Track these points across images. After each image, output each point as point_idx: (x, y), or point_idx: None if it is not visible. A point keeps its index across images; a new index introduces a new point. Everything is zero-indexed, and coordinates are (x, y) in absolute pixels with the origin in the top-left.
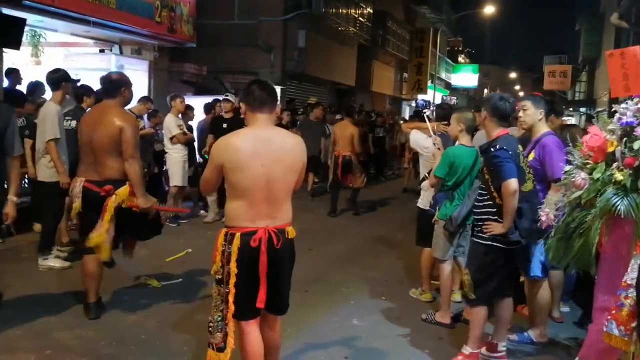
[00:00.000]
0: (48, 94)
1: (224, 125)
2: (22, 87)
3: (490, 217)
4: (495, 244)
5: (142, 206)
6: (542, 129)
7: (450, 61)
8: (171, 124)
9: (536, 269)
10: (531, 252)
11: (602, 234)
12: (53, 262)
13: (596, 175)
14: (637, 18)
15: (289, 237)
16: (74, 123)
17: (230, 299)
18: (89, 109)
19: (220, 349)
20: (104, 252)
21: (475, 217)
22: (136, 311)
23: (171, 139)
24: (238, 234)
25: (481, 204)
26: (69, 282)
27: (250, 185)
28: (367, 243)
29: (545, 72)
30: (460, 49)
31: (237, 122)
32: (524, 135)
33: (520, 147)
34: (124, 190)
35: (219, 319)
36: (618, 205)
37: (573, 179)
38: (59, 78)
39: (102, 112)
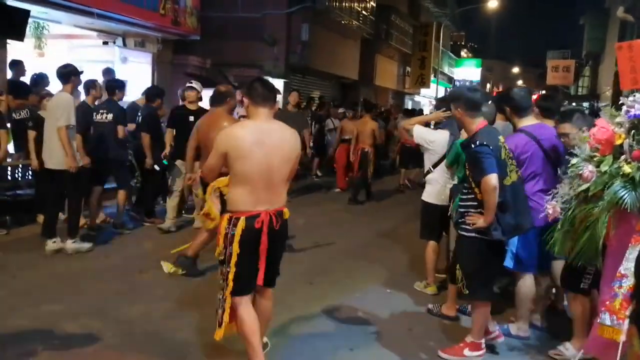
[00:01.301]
0: (51, 86)
1: (190, 119)
2: (26, 79)
3: (472, 210)
4: (480, 236)
5: None
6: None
7: (453, 55)
8: None
9: (508, 260)
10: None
11: (609, 228)
12: (79, 245)
13: (604, 168)
14: None
15: (285, 218)
16: (110, 116)
17: (230, 276)
18: (197, 108)
19: (220, 325)
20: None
21: (460, 210)
22: (142, 302)
23: None
24: (243, 218)
25: (465, 197)
26: (72, 273)
27: (252, 172)
28: (372, 236)
29: (548, 67)
30: (463, 43)
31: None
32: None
33: (501, 139)
34: (223, 180)
35: (221, 296)
36: (625, 199)
37: (580, 172)
38: (69, 72)
39: (215, 117)
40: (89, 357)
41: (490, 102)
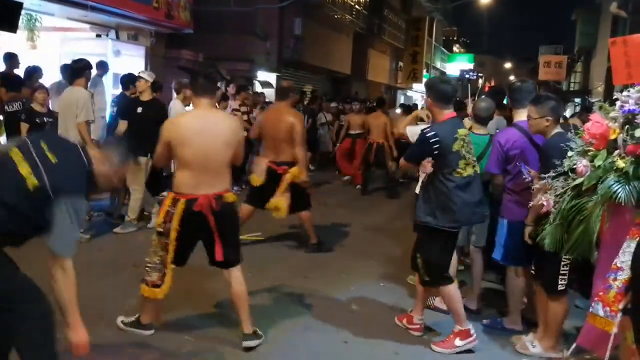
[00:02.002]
0: (44, 78)
1: (139, 110)
2: (20, 72)
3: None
4: (432, 224)
5: (304, 181)
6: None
7: (445, 50)
8: (178, 110)
9: (496, 253)
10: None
11: (603, 221)
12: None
13: (598, 162)
14: (635, 7)
15: (228, 202)
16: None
17: (171, 248)
18: (267, 107)
19: (156, 286)
20: (282, 212)
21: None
22: (136, 295)
23: None
24: (183, 200)
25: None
26: None
27: (193, 158)
28: (366, 230)
29: (540, 63)
30: (456, 38)
31: (154, 108)
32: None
33: (462, 132)
34: (295, 169)
35: (158, 262)
36: (619, 193)
37: (575, 166)
38: (82, 67)
39: (279, 111)
40: None
41: (487, 97)
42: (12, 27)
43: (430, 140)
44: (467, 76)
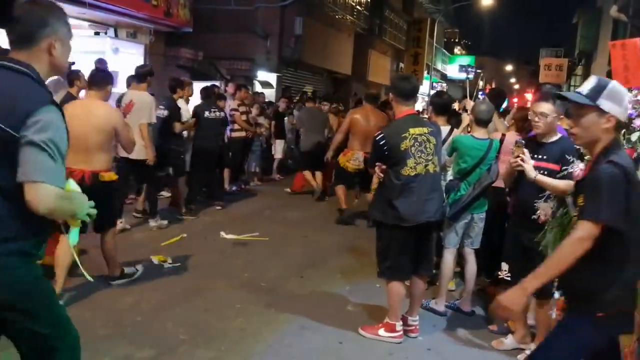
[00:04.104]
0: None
1: None
2: None
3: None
4: (383, 220)
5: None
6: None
7: (446, 52)
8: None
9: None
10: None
11: None
12: (160, 222)
13: None
14: (635, 11)
15: (102, 180)
16: (165, 112)
17: None
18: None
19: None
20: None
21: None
22: (132, 293)
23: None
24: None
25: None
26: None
27: (72, 139)
28: (362, 230)
29: (541, 65)
30: (457, 40)
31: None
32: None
33: (415, 131)
34: (343, 159)
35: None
36: None
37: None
38: (146, 72)
39: (367, 112)
40: None
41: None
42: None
43: (380, 143)
44: (467, 74)
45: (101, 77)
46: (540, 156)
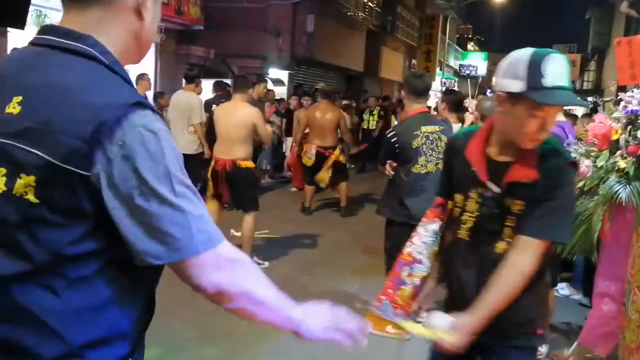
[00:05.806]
0: None
1: None
2: None
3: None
4: (390, 218)
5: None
6: None
7: (459, 48)
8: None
9: None
10: None
11: (605, 221)
12: None
13: (600, 162)
14: None
15: (240, 166)
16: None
17: None
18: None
19: None
20: (323, 183)
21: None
22: None
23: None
24: None
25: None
26: None
27: (221, 134)
28: (370, 228)
29: None
30: (470, 36)
31: None
32: None
33: (427, 129)
34: (337, 152)
35: None
36: (620, 193)
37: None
38: (195, 75)
39: (324, 107)
40: None
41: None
42: (20, 23)
43: (391, 140)
44: (467, 72)
45: (243, 83)
46: None
